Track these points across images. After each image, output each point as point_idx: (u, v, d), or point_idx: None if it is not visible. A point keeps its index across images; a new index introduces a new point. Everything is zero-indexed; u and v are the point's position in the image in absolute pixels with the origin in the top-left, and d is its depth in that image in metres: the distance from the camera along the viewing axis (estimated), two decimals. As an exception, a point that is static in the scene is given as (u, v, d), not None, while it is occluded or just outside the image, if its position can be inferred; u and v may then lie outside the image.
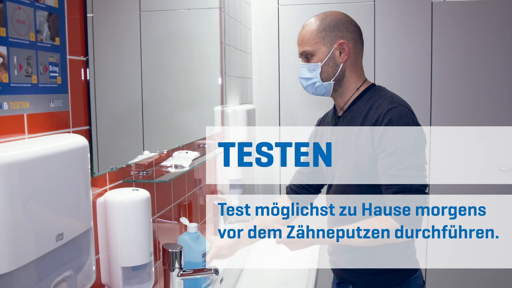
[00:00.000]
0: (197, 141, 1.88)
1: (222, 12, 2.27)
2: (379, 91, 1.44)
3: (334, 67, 1.43)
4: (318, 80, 1.44)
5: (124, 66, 1.35)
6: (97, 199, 1.13)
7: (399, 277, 1.44)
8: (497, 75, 2.74)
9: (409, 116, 1.33)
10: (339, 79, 1.45)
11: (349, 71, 1.45)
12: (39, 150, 0.80)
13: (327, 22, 1.42)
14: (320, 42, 1.42)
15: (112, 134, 1.25)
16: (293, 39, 2.89)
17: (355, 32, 1.44)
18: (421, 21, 2.78)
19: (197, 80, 1.98)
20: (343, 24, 1.43)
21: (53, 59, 0.96)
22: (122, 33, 1.34)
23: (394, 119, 1.31)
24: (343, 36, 1.42)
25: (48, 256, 0.80)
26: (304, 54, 1.46)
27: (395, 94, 1.43)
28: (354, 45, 1.44)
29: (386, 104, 1.36)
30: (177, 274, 1.38)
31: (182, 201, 1.71)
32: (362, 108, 1.41)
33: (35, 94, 0.90)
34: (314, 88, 1.47)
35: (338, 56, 1.42)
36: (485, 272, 2.87)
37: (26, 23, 0.87)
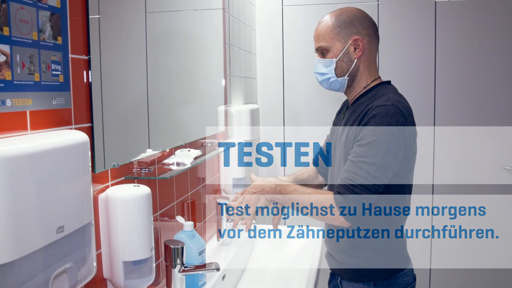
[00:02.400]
0: (200, 140, 1.91)
1: (226, 13, 2.30)
2: (384, 89, 1.45)
3: (349, 62, 1.45)
4: (333, 76, 1.47)
5: (129, 66, 1.38)
6: (99, 195, 1.15)
7: (384, 271, 1.45)
8: (501, 75, 2.74)
9: (394, 117, 1.31)
10: (353, 75, 1.47)
11: (363, 67, 1.47)
12: (40, 145, 0.83)
13: (343, 18, 1.45)
14: (335, 38, 1.44)
15: (116, 132, 1.28)
16: (297, 39, 2.95)
17: (370, 28, 1.46)
18: (424, 21, 2.79)
19: (201, 79, 2.00)
20: (358, 20, 1.45)
21: (56, 57, 0.99)
22: (128, 33, 1.37)
23: (379, 115, 1.32)
24: (358, 32, 1.44)
25: (48, 248, 0.83)
26: (320, 49, 1.48)
27: (398, 94, 1.43)
28: (368, 41, 1.46)
29: (380, 100, 1.37)
30: (179, 270, 1.40)
31: (185, 199, 1.73)
32: (363, 104, 1.43)
33: (38, 92, 0.93)
34: (328, 83, 1.49)
35: (353, 52, 1.44)
36: (490, 272, 2.86)
37: (29, 23, 0.90)
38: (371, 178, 1.30)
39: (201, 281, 1.54)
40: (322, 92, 2.60)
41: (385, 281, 1.45)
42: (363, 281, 1.46)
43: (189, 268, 1.42)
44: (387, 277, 1.45)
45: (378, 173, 1.30)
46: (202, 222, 1.93)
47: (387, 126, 1.31)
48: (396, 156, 1.32)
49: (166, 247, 1.41)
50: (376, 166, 1.30)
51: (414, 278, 1.52)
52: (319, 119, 2.95)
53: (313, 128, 2.95)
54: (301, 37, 2.90)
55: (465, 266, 2.88)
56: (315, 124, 2.95)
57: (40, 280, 0.82)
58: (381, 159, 1.30)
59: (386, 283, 1.45)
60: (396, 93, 1.43)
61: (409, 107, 1.39)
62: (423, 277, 2.91)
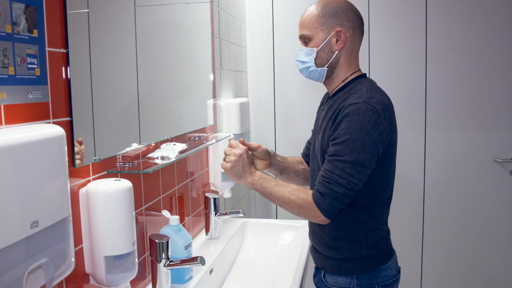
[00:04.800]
0: (188, 133, 1.90)
1: (215, 6, 2.28)
2: (359, 83, 1.45)
3: (329, 53, 1.45)
4: (313, 65, 1.47)
5: (118, 60, 1.37)
6: (79, 189, 1.14)
7: (367, 265, 1.46)
8: (493, 69, 2.73)
9: (367, 114, 1.32)
10: (333, 66, 1.47)
11: (343, 59, 1.46)
12: (14, 138, 0.82)
13: (328, 9, 1.44)
14: (319, 27, 1.44)
15: (100, 126, 1.27)
16: (288, 32, 2.93)
17: (355, 21, 1.46)
18: (416, 15, 2.77)
19: (190, 73, 1.99)
20: (343, 12, 1.44)
21: (31, 51, 0.97)
22: (117, 27, 1.37)
23: (351, 113, 1.33)
24: (342, 24, 1.43)
25: (22, 243, 0.82)
26: (303, 38, 1.48)
27: (373, 89, 1.41)
28: (352, 34, 1.45)
29: (353, 98, 1.37)
30: (164, 264, 1.40)
31: (172, 193, 1.72)
32: (340, 98, 1.44)
33: (12, 86, 0.92)
34: (308, 72, 1.50)
35: (334, 43, 1.44)
36: (481, 275, 2.87)
37: (2, 15, 0.89)
38: (345, 175, 1.32)
39: (188, 275, 1.54)
40: (313, 85, 2.59)
41: (368, 274, 1.45)
42: (345, 274, 1.47)
43: (174, 262, 1.41)
44: (369, 270, 1.45)
45: (353, 170, 1.32)
46: (190, 216, 1.92)
47: (360, 124, 1.31)
48: (372, 152, 1.33)
49: (151, 241, 1.40)
50: (350, 164, 1.31)
51: (398, 271, 1.52)
52: (310, 112, 2.93)
53: (304, 120, 2.95)
54: (291, 30, 2.88)
55: (457, 261, 2.89)
56: (306, 117, 2.95)
57: (14, 276, 0.81)
58: (355, 157, 1.31)
59: (369, 276, 1.45)
60: (372, 88, 1.42)
61: (384, 101, 1.38)
62: (414, 275, 2.92)
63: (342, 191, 1.32)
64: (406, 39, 2.81)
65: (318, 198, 1.35)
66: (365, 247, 1.45)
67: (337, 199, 1.33)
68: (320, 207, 1.34)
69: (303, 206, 1.38)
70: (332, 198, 1.33)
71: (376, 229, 1.46)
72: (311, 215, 1.37)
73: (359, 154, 1.31)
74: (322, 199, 1.34)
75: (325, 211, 1.34)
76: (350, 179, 1.32)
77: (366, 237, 1.44)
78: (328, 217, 1.35)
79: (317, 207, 1.35)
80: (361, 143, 1.31)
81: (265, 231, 2.22)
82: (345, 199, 1.33)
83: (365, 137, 1.31)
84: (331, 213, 1.34)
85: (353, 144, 1.31)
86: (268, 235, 2.20)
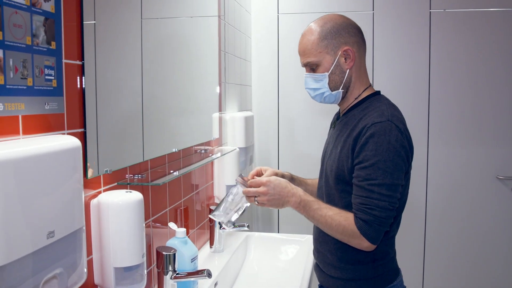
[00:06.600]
0: (194, 146, 1.91)
1: (222, 20, 2.31)
2: (376, 101, 1.41)
3: (341, 74, 1.40)
4: (327, 90, 1.42)
5: (124, 72, 1.38)
6: (91, 200, 1.15)
7: (373, 285, 1.43)
8: (496, 83, 2.76)
9: (393, 133, 1.29)
10: (347, 86, 1.42)
11: (355, 76, 1.42)
12: (32, 149, 0.83)
13: (328, 29, 1.38)
14: (324, 51, 1.38)
15: (110, 138, 1.28)
16: (293, 47, 2.94)
17: (357, 35, 1.41)
18: (419, 31, 2.81)
19: (196, 86, 2.00)
20: (344, 28, 1.39)
21: (49, 62, 0.99)
22: (124, 40, 1.38)
23: (376, 133, 1.29)
24: (346, 41, 1.38)
25: (39, 253, 0.82)
26: (309, 65, 1.42)
27: (391, 107, 1.39)
28: (358, 49, 1.41)
29: (374, 116, 1.33)
30: (171, 276, 1.40)
31: (178, 206, 1.73)
32: (356, 116, 1.40)
33: (30, 96, 0.93)
34: (323, 98, 1.44)
35: (344, 63, 1.39)
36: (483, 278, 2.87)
37: (23, 27, 0.90)
38: (385, 197, 1.28)
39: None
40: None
41: None
42: None
43: (181, 274, 1.41)
44: None
45: (390, 191, 1.29)
46: (195, 229, 1.92)
47: (388, 143, 1.28)
48: (402, 170, 1.31)
49: (158, 253, 1.40)
50: (386, 186, 1.28)
51: None
52: (313, 127, 2.96)
53: (308, 135, 2.97)
54: (296, 45, 2.89)
55: (459, 277, 2.88)
56: (310, 132, 2.97)
57: (30, 286, 0.81)
58: (389, 178, 1.28)
59: None
60: (390, 105, 1.39)
61: (402, 118, 1.37)
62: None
63: (385, 214, 1.28)
64: (410, 54, 2.84)
65: (363, 226, 1.29)
66: (372, 269, 1.42)
67: (382, 224, 1.29)
68: (366, 235, 1.29)
69: (345, 233, 1.32)
70: (377, 224, 1.28)
71: (384, 252, 1.43)
72: (354, 242, 1.32)
73: (392, 175, 1.28)
74: (367, 227, 1.29)
75: (373, 238, 1.29)
76: (389, 200, 1.28)
77: (373, 260, 1.41)
78: (375, 243, 1.31)
79: (363, 235, 1.29)
80: (392, 163, 1.28)
81: (268, 244, 2.22)
82: (389, 221, 1.30)
83: (395, 156, 1.28)
84: (378, 239, 1.30)
85: (385, 165, 1.27)
86: (271, 249, 2.20)
